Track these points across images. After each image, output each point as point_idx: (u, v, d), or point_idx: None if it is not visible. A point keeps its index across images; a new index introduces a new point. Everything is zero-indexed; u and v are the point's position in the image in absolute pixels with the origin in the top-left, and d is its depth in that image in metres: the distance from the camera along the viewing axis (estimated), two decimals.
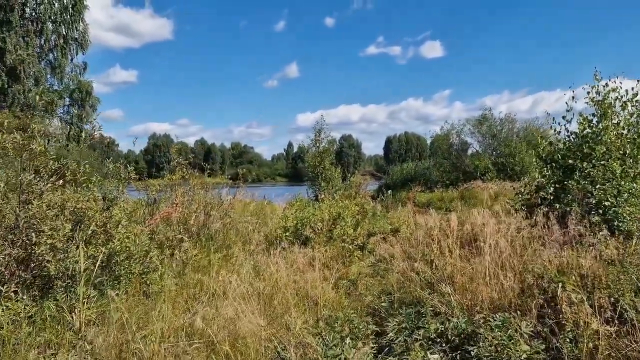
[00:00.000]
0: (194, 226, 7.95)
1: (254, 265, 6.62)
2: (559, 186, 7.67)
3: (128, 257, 6.24)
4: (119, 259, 6.17)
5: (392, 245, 9.04)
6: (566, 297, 3.93)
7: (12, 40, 32.48)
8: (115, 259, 6.19)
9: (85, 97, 39.43)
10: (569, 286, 4.09)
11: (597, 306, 3.89)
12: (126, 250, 6.32)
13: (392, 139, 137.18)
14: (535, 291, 4.50)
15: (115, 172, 6.79)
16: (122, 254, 6.18)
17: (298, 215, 9.46)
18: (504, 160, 31.45)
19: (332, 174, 22.02)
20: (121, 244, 6.21)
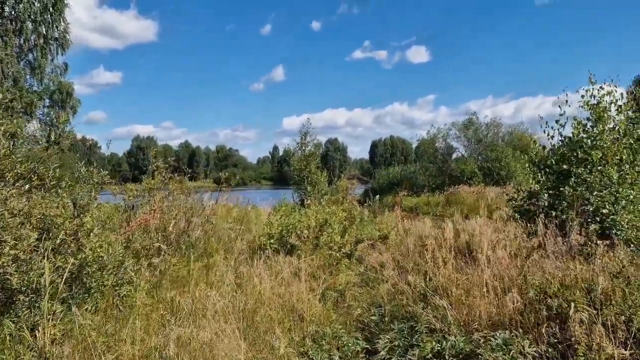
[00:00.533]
0: (173, 233, 7.53)
1: (236, 277, 6.22)
2: (554, 192, 7.41)
3: (100, 268, 5.81)
4: (91, 270, 5.74)
5: (381, 253, 8.70)
6: (576, 315, 3.61)
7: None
8: (87, 270, 5.76)
9: (65, 98, 38.63)
10: (578, 303, 3.78)
11: (609, 325, 3.58)
12: (98, 261, 5.90)
13: (377, 143, 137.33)
14: (538, 307, 4.19)
15: (88, 176, 6.34)
16: (94, 265, 5.75)
17: (283, 222, 9.08)
18: (490, 164, 31.43)
19: (318, 178, 21.66)
20: (93, 253, 5.78)
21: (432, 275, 5.57)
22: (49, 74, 37.94)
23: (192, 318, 4.72)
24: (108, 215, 7.38)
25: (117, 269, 6.06)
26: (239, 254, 7.56)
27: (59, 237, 5.70)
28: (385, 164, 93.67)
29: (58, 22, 37.60)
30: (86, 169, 6.34)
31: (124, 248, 6.43)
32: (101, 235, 6.07)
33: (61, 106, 38.52)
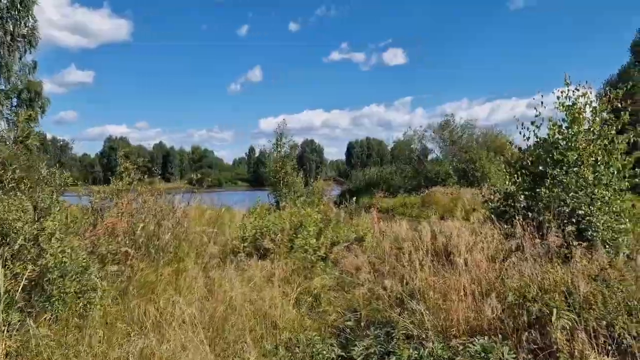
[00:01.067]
0: (142, 237, 7.23)
1: (206, 283, 5.98)
2: (530, 194, 7.37)
3: (62, 275, 5.51)
4: (52, 277, 5.44)
5: (357, 256, 8.55)
6: (558, 322, 3.51)
7: None
8: (48, 277, 5.45)
9: (34, 97, 37.53)
10: (559, 309, 3.67)
11: (591, 331, 3.49)
12: (61, 267, 5.59)
13: (354, 144, 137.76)
14: (518, 311, 4.08)
15: (50, 178, 6.03)
16: (55, 271, 5.45)
17: (257, 224, 8.86)
18: (464, 166, 31.69)
19: (293, 179, 21.44)
20: (55, 259, 5.48)
21: (409, 279, 5.43)
22: (17, 72, 36.86)
23: (157, 328, 4.48)
24: (73, 219, 7.05)
25: (80, 275, 5.77)
26: (210, 258, 7.31)
27: (18, 242, 5.40)
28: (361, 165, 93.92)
29: (26, 19, 36.53)
30: (48, 170, 6.02)
31: (89, 253, 6.14)
32: (64, 240, 5.77)
33: (29, 105, 37.38)
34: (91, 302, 5.68)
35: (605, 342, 3.49)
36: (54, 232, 5.63)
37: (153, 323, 4.64)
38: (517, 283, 4.43)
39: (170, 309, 4.65)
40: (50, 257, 5.44)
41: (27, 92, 37.15)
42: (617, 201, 6.85)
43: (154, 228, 7.71)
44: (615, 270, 4.49)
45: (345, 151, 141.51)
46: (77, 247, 5.90)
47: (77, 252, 5.70)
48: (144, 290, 6.20)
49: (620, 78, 29.39)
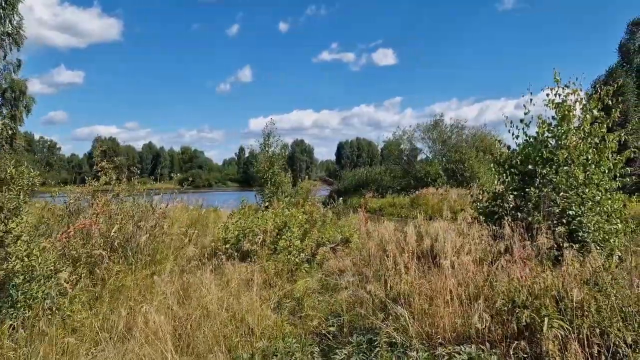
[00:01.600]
0: (117, 239, 6.94)
1: (183, 286, 5.70)
2: (519, 193, 7.18)
3: (29, 279, 5.21)
4: (18, 281, 5.14)
5: (342, 257, 8.32)
6: (550, 332, 3.28)
7: None
8: (14, 281, 5.16)
9: (19, 96, 36.89)
10: (550, 318, 3.45)
11: (584, 339, 3.27)
12: (28, 271, 5.30)
13: (344, 144, 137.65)
14: (506, 317, 3.86)
15: (18, 177, 5.71)
16: (21, 275, 5.15)
17: (239, 225, 8.58)
18: (454, 166, 31.60)
19: (281, 179, 21.17)
20: (21, 262, 5.18)
21: (393, 283, 5.19)
22: (1, 70, 36.30)
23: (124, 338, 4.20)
24: (44, 220, 6.74)
25: (49, 279, 5.47)
26: (188, 261, 7.03)
27: None
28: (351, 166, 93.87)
29: (11, 17, 36.00)
30: (15, 169, 5.70)
31: (60, 256, 5.84)
32: (31, 243, 5.47)
33: (14, 105, 36.79)
34: (59, 307, 5.40)
35: (600, 351, 3.28)
36: (20, 235, 5.34)
37: (122, 332, 4.37)
38: (506, 287, 4.21)
39: (141, 318, 4.36)
40: (16, 260, 5.14)
41: (11, 91, 36.49)
42: (607, 201, 6.66)
43: (132, 229, 7.42)
44: (608, 274, 4.29)
45: (335, 151, 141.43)
46: (45, 249, 5.61)
47: (44, 255, 5.41)
48: (117, 295, 5.92)
49: (608, 78, 29.44)
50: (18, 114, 37.07)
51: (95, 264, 6.54)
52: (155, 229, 7.92)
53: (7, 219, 5.38)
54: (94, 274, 6.45)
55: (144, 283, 6.15)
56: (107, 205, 7.54)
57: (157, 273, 6.46)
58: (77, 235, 6.80)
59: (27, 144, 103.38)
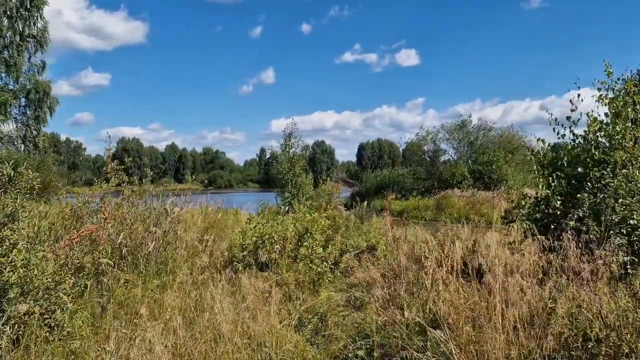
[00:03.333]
0: (126, 247, 6.43)
1: (194, 301, 5.13)
2: (566, 199, 6.45)
3: (24, 292, 4.72)
4: (13, 295, 4.65)
5: (368, 267, 7.69)
6: None
7: None
8: (8, 295, 4.67)
9: (42, 97, 37.14)
10: None
11: None
12: (26, 282, 4.81)
13: (365, 146, 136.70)
14: (576, 354, 3.19)
15: (17, 179, 5.23)
16: (16, 288, 4.66)
17: (258, 231, 8.00)
18: (480, 168, 30.58)
19: (302, 180, 20.58)
20: (17, 273, 4.69)
21: (432, 304, 4.54)
22: (26, 72, 36.62)
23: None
24: (49, 226, 6.26)
25: (49, 291, 4.97)
26: (202, 271, 6.47)
27: None
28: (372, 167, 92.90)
29: (36, 20, 36.31)
30: (14, 170, 5.22)
31: (61, 266, 5.35)
32: (31, 251, 4.98)
33: (38, 106, 37.06)
34: (58, 324, 4.90)
35: None
36: (16, 243, 4.86)
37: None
38: (571, 312, 3.54)
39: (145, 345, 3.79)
40: (9, 273, 4.66)
41: (35, 92, 36.75)
42: None
43: (143, 235, 6.92)
44: None
45: (356, 152, 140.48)
46: (45, 258, 5.12)
47: (41, 266, 4.90)
48: (124, 310, 5.39)
49: None
50: (42, 114, 37.33)
51: (103, 273, 6.05)
52: (169, 235, 7.42)
53: (2, 225, 4.90)
54: (101, 284, 5.96)
55: (152, 295, 5.61)
56: (118, 209, 7.05)
57: (167, 284, 5.92)
58: (83, 242, 6.32)
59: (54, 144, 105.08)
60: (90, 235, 5.98)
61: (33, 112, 37.03)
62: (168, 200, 7.90)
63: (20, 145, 35.97)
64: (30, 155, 33.48)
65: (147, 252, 6.75)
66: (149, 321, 4.29)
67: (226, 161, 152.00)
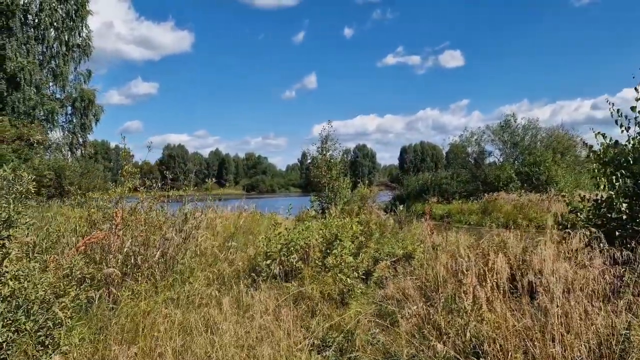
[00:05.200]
0: (140, 254, 5.97)
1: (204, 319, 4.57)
2: (632, 201, 5.56)
3: (16, 307, 4.29)
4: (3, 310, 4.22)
5: (404, 277, 6.97)
6: None
7: (12, 47, 31.30)
8: None
9: (88, 105, 38.06)
10: None
11: None
12: (22, 296, 4.38)
13: (407, 149, 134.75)
14: None
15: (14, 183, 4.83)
16: (6, 303, 4.23)
17: (283, 237, 7.39)
18: (528, 169, 29.07)
19: (340, 184, 19.92)
20: (7, 288, 4.27)
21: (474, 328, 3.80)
22: (72, 81, 37.66)
23: None
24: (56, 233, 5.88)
25: (47, 305, 4.54)
26: (222, 281, 5.91)
27: None
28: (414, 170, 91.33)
29: (80, 29, 37.32)
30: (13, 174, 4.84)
31: (64, 276, 4.92)
32: (27, 262, 4.57)
33: (83, 114, 38.01)
34: (54, 341, 4.45)
35: None
36: (9, 252, 4.45)
37: None
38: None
39: None
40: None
41: (81, 101, 37.69)
42: None
43: (158, 242, 6.45)
44: None
45: (398, 156, 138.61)
46: (43, 269, 4.70)
47: (37, 277, 4.47)
48: (130, 324, 4.90)
49: None
50: (87, 122, 38.23)
51: (114, 284, 5.61)
52: (188, 242, 6.94)
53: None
54: (110, 295, 5.52)
55: (161, 310, 5.09)
56: (133, 215, 6.62)
57: (181, 296, 5.41)
58: (94, 250, 5.91)
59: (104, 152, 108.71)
60: (97, 243, 5.55)
61: (79, 120, 37.97)
62: (188, 204, 7.42)
63: (67, 152, 36.94)
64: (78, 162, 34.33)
65: (163, 261, 6.29)
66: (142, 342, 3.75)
67: (268, 166, 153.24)
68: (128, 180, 6.56)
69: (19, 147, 24.14)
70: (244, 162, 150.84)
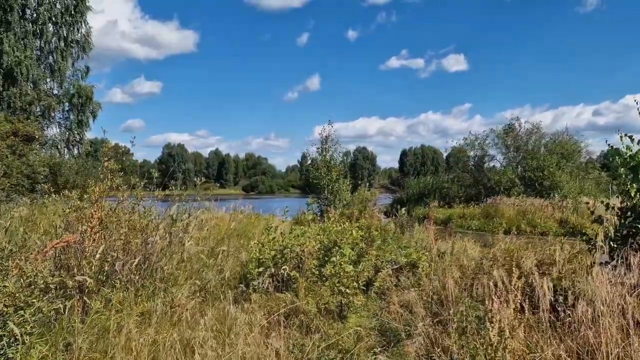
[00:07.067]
0: (119, 259, 5.39)
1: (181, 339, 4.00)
2: None
3: None
4: None
5: (407, 288, 6.42)
6: None
7: (9, 41, 30.77)
8: None
9: (85, 102, 37.50)
10: None
11: None
12: None
13: (407, 152, 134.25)
14: None
15: None
16: None
17: (281, 242, 6.82)
18: (531, 174, 28.47)
19: (339, 186, 19.36)
20: None
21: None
22: (70, 77, 37.13)
23: None
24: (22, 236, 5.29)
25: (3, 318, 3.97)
26: (193, 294, 5.32)
27: None
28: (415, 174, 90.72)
29: (79, 25, 36.84)
30: None
31: (27, 286, 4.35)
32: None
33: (80, 110, 37.44)
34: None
35: None
36: None
37: None
38: None
39: None
40: None
41: (78, 97, 37.12)
42: None
43: (139, 247, 5.87)
44: None
45: (399, 159, 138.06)
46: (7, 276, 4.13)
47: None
48: (99, 342, 4.32)
49: None
50: (84, 119, 37.66)
51: (86, 293, 5.03)
52: (173, 246, 6.36)
53: None
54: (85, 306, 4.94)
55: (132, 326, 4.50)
56: (115, 216, 6.03)
57: (155, 310, 4.82)
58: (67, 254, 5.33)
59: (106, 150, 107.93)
60: (67, 246, 4.97)
61: (76, 117, 37.40)
62: (173, 206, 6.84)
63: (63, 149, 36.38)
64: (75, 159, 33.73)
65: (143, 267, 5.72)
66: None
67: (268, 167, 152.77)
68: (108, 178, 5.97)
69: (14, 143, 23.64)
70: (244, 163, 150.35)
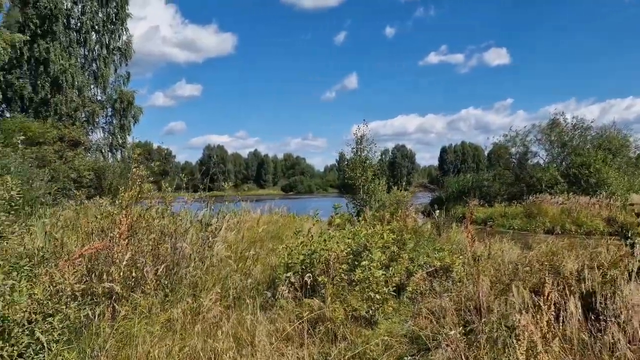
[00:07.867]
0: (147, 265, 5.42)
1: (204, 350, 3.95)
2: None
3: None
4: None
5: (441, 295, 6.20)
6: None
7: (55, 51, 32.02)
8: None
9: (127, 107, 38.65)
10: None
11: None
12: None
13: (447, 149, 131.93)
14: None
15: None
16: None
17: (309, 247, 6.71)
18: (576, 171, 27.31)
19: (375, 186, 19.09)
20: None
21: None
22: (112, 83, 38.38)
23: None
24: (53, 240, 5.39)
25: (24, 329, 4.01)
26: (216, 301, 5.27)
27: None
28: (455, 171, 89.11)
29: (120, 32, 38.00)
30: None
31: (55, 293, 4.41)
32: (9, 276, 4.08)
33: (123, 115, 38.60)
34: None
35: None
36: None
37: None
38: None
39: None
40: None
41: (120, 102, 38.28)
42: None
43: (168, 252, 5.89)
44: None
45: (439, 156, 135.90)
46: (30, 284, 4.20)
47: (21, 294, 3.96)
48: (126, 350, 4.33)
49: None
50: (127, 123, 38.80)
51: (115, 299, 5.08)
52: (203, 251, 6.37)
53: None
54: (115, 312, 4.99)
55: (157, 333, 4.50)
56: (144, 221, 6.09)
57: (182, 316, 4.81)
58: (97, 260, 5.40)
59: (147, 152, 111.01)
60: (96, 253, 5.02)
61: (119, 122, 38.55)
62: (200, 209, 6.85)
63: (107, 153, 37.57)
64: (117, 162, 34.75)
65: (172, 273, 5.74)
66: None
67: (306, 167, 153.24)
68: (137, 184, 6.02)
69: (61, 149, 24.56)
70: (283, 163, 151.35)
